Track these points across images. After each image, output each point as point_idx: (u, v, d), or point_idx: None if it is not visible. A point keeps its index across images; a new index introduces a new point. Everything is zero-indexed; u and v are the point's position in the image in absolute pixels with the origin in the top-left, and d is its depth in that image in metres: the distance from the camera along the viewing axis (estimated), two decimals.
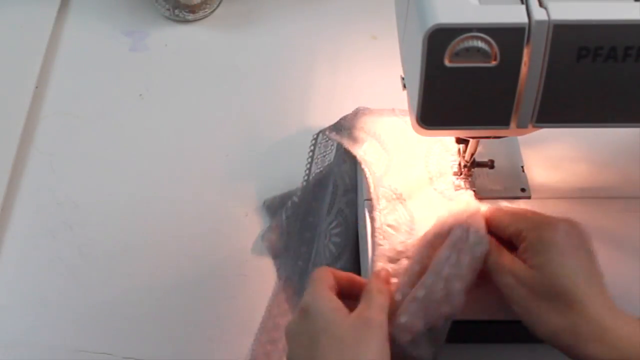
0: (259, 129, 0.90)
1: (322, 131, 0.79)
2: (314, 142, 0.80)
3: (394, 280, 0.67)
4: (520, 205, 0.74)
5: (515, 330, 0.68)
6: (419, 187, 0.74)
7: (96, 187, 0.85)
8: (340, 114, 0.80)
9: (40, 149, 0.89)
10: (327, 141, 0.80)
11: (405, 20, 0.64)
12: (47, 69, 0.95)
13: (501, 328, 0.70)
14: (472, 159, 0.74)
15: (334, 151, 0.80)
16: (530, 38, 0.55)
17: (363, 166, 0.74)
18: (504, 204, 0.74)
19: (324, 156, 0.80)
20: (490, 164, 0.74)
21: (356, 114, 0.78)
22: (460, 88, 0.58)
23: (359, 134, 0.76)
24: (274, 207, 0.83)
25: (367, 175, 0.73)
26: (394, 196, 0.72)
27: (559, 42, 0.55)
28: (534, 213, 0.66)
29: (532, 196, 0.75)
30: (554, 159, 0.77)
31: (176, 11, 1.00)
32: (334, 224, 0.77)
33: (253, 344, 0.75)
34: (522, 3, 0.56)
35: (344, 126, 0.78)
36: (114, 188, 0.85)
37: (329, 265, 0.75)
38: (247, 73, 0.95)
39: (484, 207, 0.70)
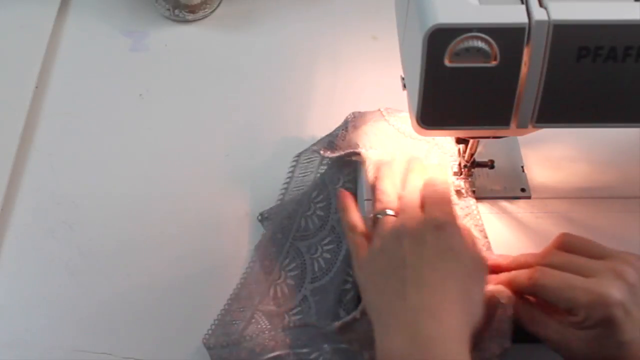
0: (259, 129, 0.90)
1: (309, 150, 0.79)
2: (295, 161, 0.80)
3: None
4: (520, 205, 0.74)
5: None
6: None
7: (96, 187, 0.85)
8: (340, 113, 0.80)
9: (40, 149, 0.89)
10: (308, 162, 0.80)
11: (405, 20, 0.64)
12: (47, 69, 0.95)
13: None
14: (472, 159, 0.74)
15: (313, 172, 0.80)
16: (530, 38, 0.56)
17: (368, 163, 0.74)
18: (503, 204, 0.74)
19: (304, 176, 0.80)
20: (490, 164, 0.74)
21: (346, 128, 0.79)
22: (460, 88, 0.58)
23: (356, 146, 0.77)
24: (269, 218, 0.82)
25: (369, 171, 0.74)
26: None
27: (559, 42, 0.56)
28: (585, 285, 0.61)
29: (532, 196, 0.75)
30: (554, 159, 0.77)
31: (176, 11, 1.00)
32: (327, 240, 0.77)
33: (222, 313, 0.75)
34: (522, 3, 0.56)
35: (339, 145, 0.78)
36: (113, 188, 0.85)
37: (315, 278, 0.76)
38: (247, 73, 0.95)
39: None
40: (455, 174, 0.75)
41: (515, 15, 0.55)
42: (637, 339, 0.60)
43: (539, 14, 0.55)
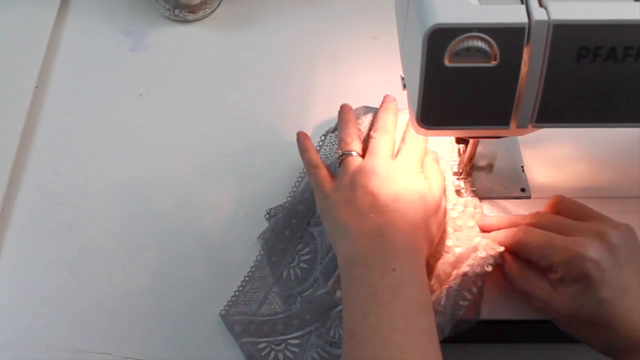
0: (259, 129, 0.90)
1: (328, 132, 0.80)
2: (321, 141, 0.80)
3: None
4: (520, 205, 0.74)
5: (531, 330, 0.69)
6: None
7: (96, 187, 0.85)
8: None
9: (40, 149, 0.89)
10: (333, 144, 0.80)
11: (405, 20, 0.64)
12: (47, 69, 0.95)
13: (514, 328, 0.71)
14: (470, 162, 0.74)
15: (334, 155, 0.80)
16: (530, 38, 0.56)
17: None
18: (503, 204, 0.74)
19: (327, 157, 0.80)
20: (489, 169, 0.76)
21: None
22: (460, 88, 0.58)
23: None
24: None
25: None
26: None
27: (559, 42, 0.56)
28: (563, 243, 0.64)
29: (532, 196, 0.75)
30: (554, 159, 0.77)
31: (176, 11, 1.00)
32: None
33: (235, 295, 0.77)
34: (522, 3, 0.56)
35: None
36: (113, 188, 0.85)
37: (323, 258, 0.76)
38: (247, 73, 0.95)
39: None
40: (455, 174, 0.76)
41: (515, 15, 0.55)
42: (617, 298, 0.61)
43: (538, 14, 0.55)
